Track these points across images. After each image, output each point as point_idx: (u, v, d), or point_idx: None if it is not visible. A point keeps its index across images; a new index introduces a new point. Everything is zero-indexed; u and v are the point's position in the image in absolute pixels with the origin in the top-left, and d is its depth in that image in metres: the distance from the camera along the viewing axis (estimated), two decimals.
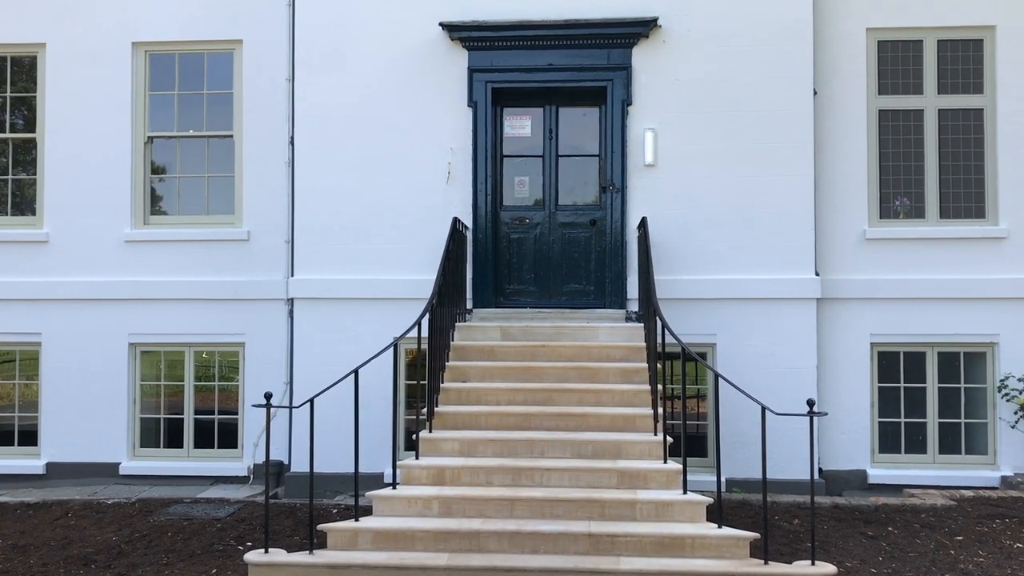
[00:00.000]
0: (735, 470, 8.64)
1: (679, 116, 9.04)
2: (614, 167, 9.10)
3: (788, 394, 8.59)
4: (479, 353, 7.96)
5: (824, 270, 9.12)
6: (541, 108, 9.41)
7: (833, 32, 9.27)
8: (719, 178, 9.00)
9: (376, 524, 6.17)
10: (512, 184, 9.44)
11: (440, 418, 7.20)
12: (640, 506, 6.23)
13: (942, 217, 9.26)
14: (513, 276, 9.31)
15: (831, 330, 9.13)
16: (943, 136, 9.28)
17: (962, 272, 9.08)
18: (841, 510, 7.81)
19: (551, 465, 6.62)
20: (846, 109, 9.25)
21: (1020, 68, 9.14)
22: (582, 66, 9.14)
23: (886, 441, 9.21)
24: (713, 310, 8.95)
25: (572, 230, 9.31)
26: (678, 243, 9.00)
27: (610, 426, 7.13)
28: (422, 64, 9.25)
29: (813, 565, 5.78)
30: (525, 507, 6.27)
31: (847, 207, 9.23)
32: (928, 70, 9.30)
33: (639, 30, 8.96)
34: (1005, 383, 8.89)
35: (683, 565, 5.74)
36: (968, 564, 6.33)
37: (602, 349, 7.97)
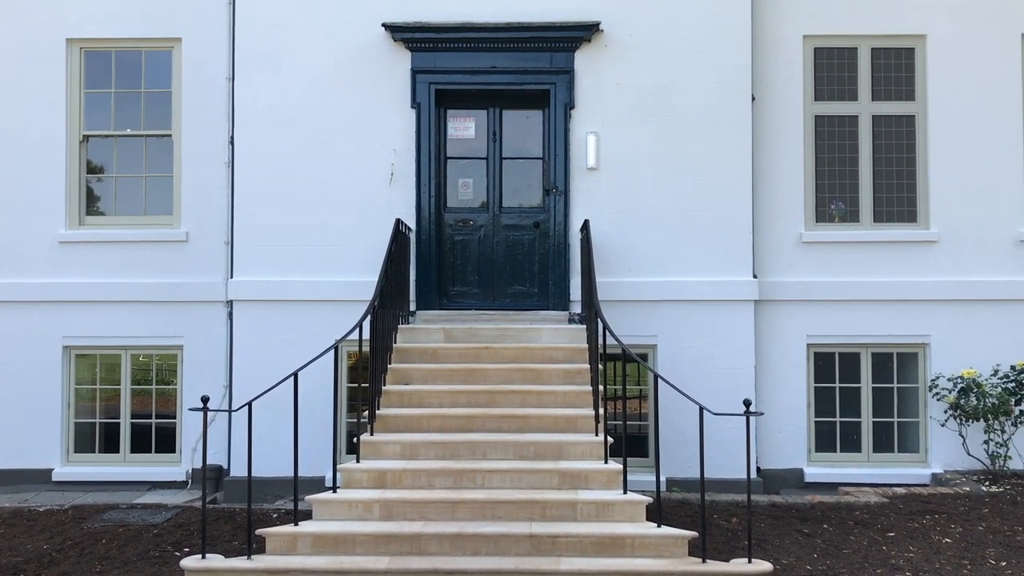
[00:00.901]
0: (675, 470, 8.74)
1: (621, 120, 9.13)
2: (557, 170, 9.16)
3: (727, 394, 8.73)
4: (422, 355, 7.94)
5: (762, 272, 9.29)
6: (485, 110, 9.43)
7: (771, 39, 9.45)
8: (660, 181, 9.11)
9: (316, 528, 6.12)
10: (456, 186, 9.45)
11: (382, 421, 7.17)
12: (581, 506, 6.28)
13: (876, 221, 9.49)
14: (457, 278, 9.31)
15: (769, 331, 9.30)
16: (877, 142, 9.51)
17: (895, 275, 9.32)
18: (778, 508, 7.94)
19: (493, 467, 6.64)
20: (784, 114, 9.44)
21: (950, 76, 9.41)
22: (525, 69, 9.18)
23: (822, 440, 9.41)
24: (654, 312, 9.05)
25: (516, 232, 9.34)
26: (620, 245, 9.09)
27: (552, 427, 7.17)
28: (365, 65, 9.21)
29: (750, 563, 5.88)
30: (467, 509, 6.28)
31: (784, 210, 9.41)
32: (863, 77, 9.52)
33: (581, 34, 9.04)
34: (936, 383, 9.14)
35: (623, 565, 5.80)
36: (899, 560, 6.49)
37: (545, 351, 8.01)
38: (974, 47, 9.41)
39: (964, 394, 8.80)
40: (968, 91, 9.40)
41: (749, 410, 6.07)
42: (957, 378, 8.93)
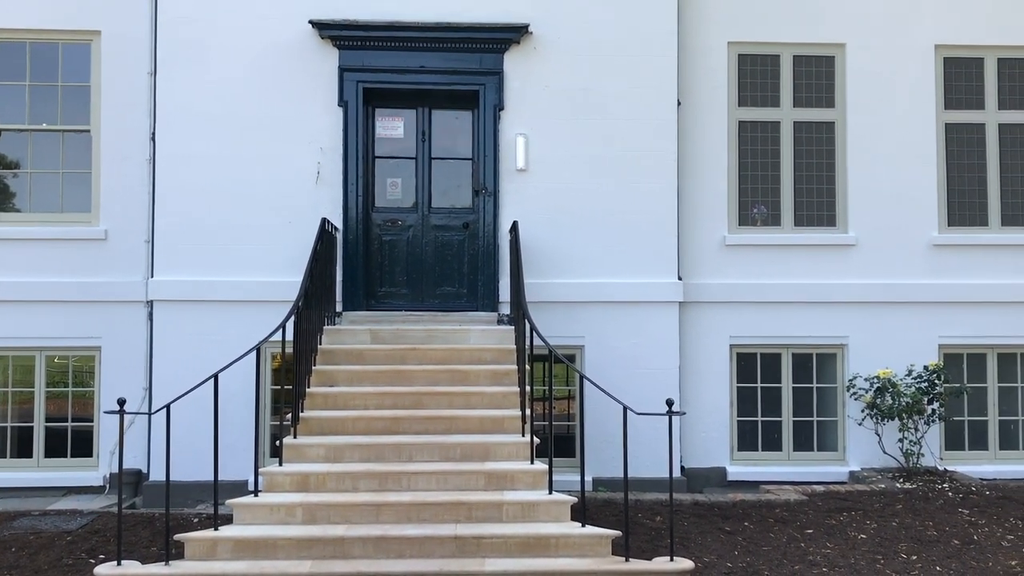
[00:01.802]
0: (601, 469, 8.81)
1: (550, 122, 9.18)
2: (487, 171, 9.16)
3: (652, 394, 8.84)
4: (348, 357, 7.86)
5: (687, 274, 9.43)
6: (414, 110, 9.39)
7: (697, 45, 9.60)
8: (588, 184, 9.18)
9: (236, 533, 6.01)
10: (384, 185, 9.38)
11: (305, 424, 7.08)
12: (507, 507, 6.28)
13: (797, 225, 9.71)
14: (385, 278, 9.24)
15: (693, 332, 9.45)
16: (798, 147, 9.74)
17: (815, 277, 9.56)
18: (701, 507, 8.07)
19: (419, 469, 6.60)
20: (709, 120, 9.60)
21: (868, 84, 9.69)
22: (455, 69, 9.16)
23: (744, 439, 9.60)
24: (582, 313, 9.12)
25: (445, 233, 9.31)
26: (549, 247, 9.13)
27: (479, 428, 7.17)
28: (292, 61, 9.08)
29: (672, 561, 5.96)
30: (392, 512, 6.23)
31: (709, 214, 9.58)
32: (785, 84, 9.74)
33: (511, 36, 9.06)
34: (853, 383, 9.40)
35: (547, 565, 5.83)
36: (816, 556, 6.66)
37: (473, 352, 8.00)
38: (891, 56, 9.70)
39: (880, 394, 9.06)
40: (885, 99, 9.69)
41: (672, 410, 6.15)
42: (873, 378, 9.19)
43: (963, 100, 9.82)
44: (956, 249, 9.63)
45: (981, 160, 9.80)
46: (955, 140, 9.79)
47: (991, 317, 9.60)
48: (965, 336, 9.61)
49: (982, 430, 9.74)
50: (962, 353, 9.72)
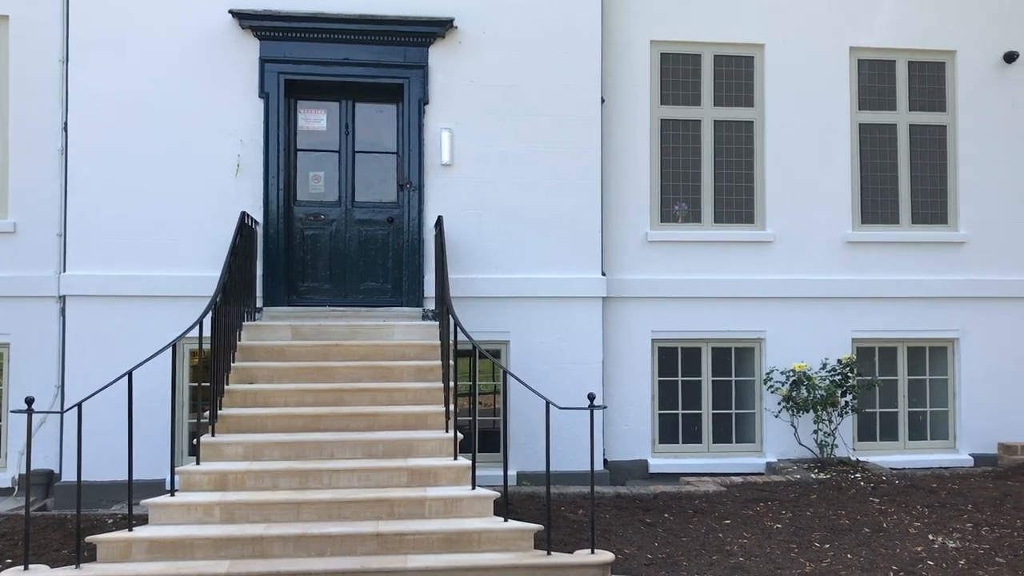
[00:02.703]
0: (526, 464, 8.87)
1: (475, 117, 9.17)
2: (411, 165, 9.11)
3: (577, 389, 8.97)
4: (268, 353, 7.74)
5: (610, 270, 9.53)
6: (337, 102, 9.27)
7: (620, 42, 9.70)
8: (514, 179, 9.20)
9: (152, 533, 5.86)
10: (307, 179, 9.25)
11: (224, 421, 6.94)
12: (430, 503, 6.27)
13: (717, 222, 9.90)
14: (307, 274, 9.12)
15: (616, 327, 9.56)
16: (718, 146, 9.93)
17: (734, 273, 9.76)
18: (623, 499, 8.18)
19: (341, 466, 6.54)
20: (632, 117, 9.71)
21: (786, 84, 9.92)
22: (379, 62, 9.08)
23: (666, 432, 9.76)
24: (507, 308, 9.14)
25: (369, 227, 9.23)
26: (474, 242, 9.13)
27: (402, 424, 7.13)
28: (211, 51, 8.88)
29: (593, 554, 6.02)
30: (312, 510, 6.16)
31: (632, 210, 9.69)
32: (705, 83, 9.91)
33: (435, 30, 9.02)
34: (770, 376, 9.64)
35: (469, 560, 5.83)
36: (733, 546, 6.81)
37: (397, 347, 7.95)
38: (808, 58, 9.95)
39: (796, 387, 9.31)
40: (802, 99, 9.94)
41: (593, 404, 6.20)
42: (789, 371, 9.43)
43: (876, 101, 10.13)
44: (868, 246, 9.94)
45: (893, 160, 10.12)
46: (868, 140, 10.10)
47: (902, 312, 9.94)
48: (877, 330, 9.93)
49: (893, 421, 10.09)
50: (874, 347, 10.05)
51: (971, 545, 6.79)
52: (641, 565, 6.33)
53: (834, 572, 6.21)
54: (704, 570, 6.24)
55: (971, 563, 6.40)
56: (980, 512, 7.67)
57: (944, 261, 10.03)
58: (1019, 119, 10.20)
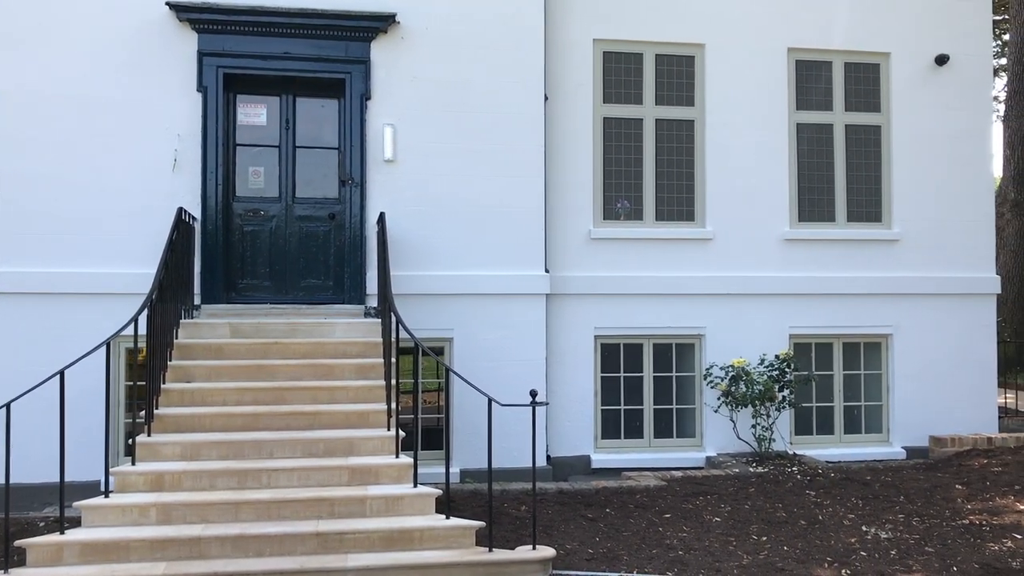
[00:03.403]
0: (470, 461, 8.87)
1: (419, 113, 9.13)
2: (353, 161, 9.04)
3: (520, 385, 8.99)
4: (206, 351, 7.61)
5: (554, 267, 9.58)
6: (278, 97, 9.15)
7: (563, 41, 9.74)
8: (457, 176, 9.19)
9: (84, 536, 5.73)
10: (246, 174, 9.11)
11: (160, 421, 6.82)
12: (370, 502, 6.23)
13: (658, 219, 10.00)
14: (247, 271, 8.99)
15: (560, 324, 9.61)
16: (660, 144, 10.03)
17: (675, 270, 9.88)
18: (565, 495, 8.23)
19: (280, 465, 6.46)
20: (575, 115, 9.76)
21: (726, 84, 10.06)
22: (320, 57, 8.98)
23: (608, 427, 9.84)
24: (450, 305, 9.13)
25: (310, 223, 9.13)
26: (418, 239, 9.09)
27: (344, 423, 7.08)
28: (147, 44, 8.70)
29: (534, 550, 6.04)
30: (251, 510, 6.09)
31: (575, 208, 9.74)
32: (647, 82, 10.00)
33: (377, 25, 8.95)
34: (710, 372, 9.77)
35: (411, 558, 5.81)
36: (673, 539, 6.89)
37: (338, 345, 7.89)
38: (747, 58, 10.11)
39: (735, 382, 9.45)
40: (741, 99, 10.09)
41: (535, 401, 6.23)
42: (728, 367, 9.58)
43: (813, 101, 10.33)
44: (806, 244, 10.13)
45: (829, 159, 10.33)
46: (805, 139, 10.29)
47: (838, 308, 10.16)
48: (814, 326, 10.13)
49: (829, 415, 10.31)
50: (811, 342, 10.25)
51: (902, 535, 6.97)
52: (582, 560, 6.37)
53: (771, 564, 6.33)
54: (644, 564, 6.31)
55: (902, 553, 6.57)
56: (911, 503, 7.87)
57: (878, 259, 10.27)
58: (949, 119, 10.49)
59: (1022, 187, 17.91)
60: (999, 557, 6.47)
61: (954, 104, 10.51)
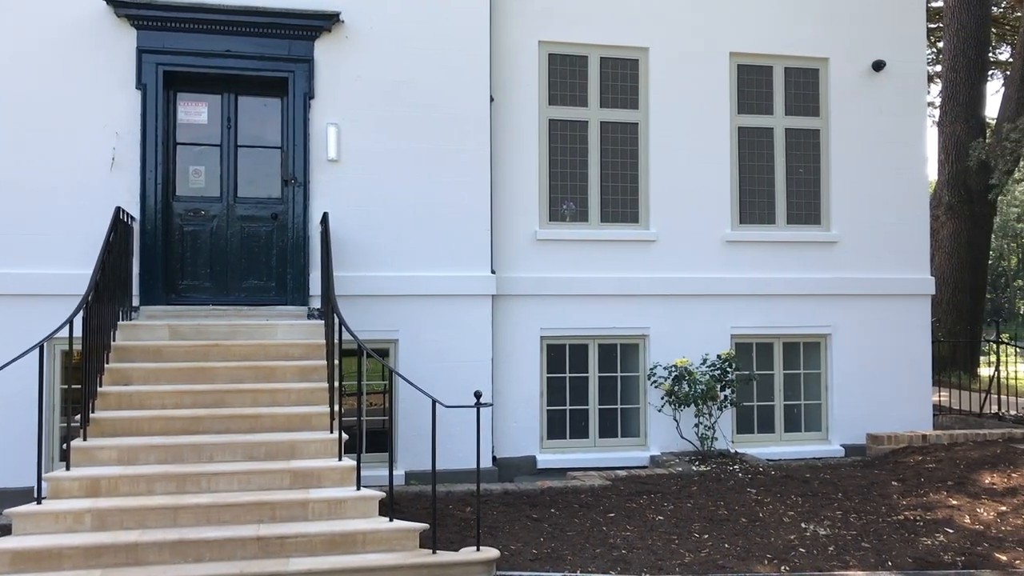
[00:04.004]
0: (415, 463, 8.84)
1: (363, 113, 9.07)
2: (296, 160, 8.95)
3: (466, 386, 8.98)
4: (144, 354, 7.46)
5: (500, 268, 9.59)
6: (219, 95, 9.03)
7: (509, 42, 9.76)
8: (403, 177, 9.15)
9: (15, 544, 5.57)
10: (187, 173, 8.97)
11: (97, 425, 6.67)
12: (313, 505, 6.18)
13: (603, 221, 10.07)
14: (187, 271, 8.84)
15: (506, 325, 9.62)
16: (605, 146, 10.10)
17: (620, 271, 9.96)
18: (511, 495, 8.24)
19: (221, 469, 6.37)
20: (520, 117, 9.78)
21: (669, 87, 10.17)
22: (263, 55, 8.88)
23: (554, 428, 9.88)
24: (396, 306, 9.08)
25: (253, 223, 9.02)
26: (362, 240, 9.03)
27: (286, 426, 7.00)
28: (84, 39, 8.52)
29: (478, 551, 6.05)
30: (191, 514, 5.99)
31: (521, 209, 9.77)
32: (592, 84, 10.07)
33: (321, 24, 8.87)
34: (654, 372, 9.87)
35: (353, 561, 5.77)
36: (617, 538, 6.94)
37: (280, 347, 7.79)
38: (690, 62, 10.23)
39: (678, 382, 9.56)
40: (685, 102, 10.21)
41: (480, 402, 6.22)
42: (672, 367, 9.68)
43: (754, 105, 10.49)
44: (747, 245, 10.29)
45: (770, 162, 10.51)
46: (747, 143, 10.45)
47: (778, 308, 10.33)
48: (755, 326, 10.30)
49: (769, 414, 10.48)
50: (752, 342, 10.41)
51: (840, 532, 7.11)
52: (526, 560, 6.38)
53: (712, 561, 6.41)
54: (588, 563, 6.34)
55: (839, 549, 6.70)
56: (849, 500, 8.04)
57: (817, 260, 10.47)
58: (886, 124, 10.74)
59: (956, 191, 18.41)
60: (932, 551, 6.63)
61: (890, 109, 10.76)
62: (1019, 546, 6.77)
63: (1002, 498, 7.98)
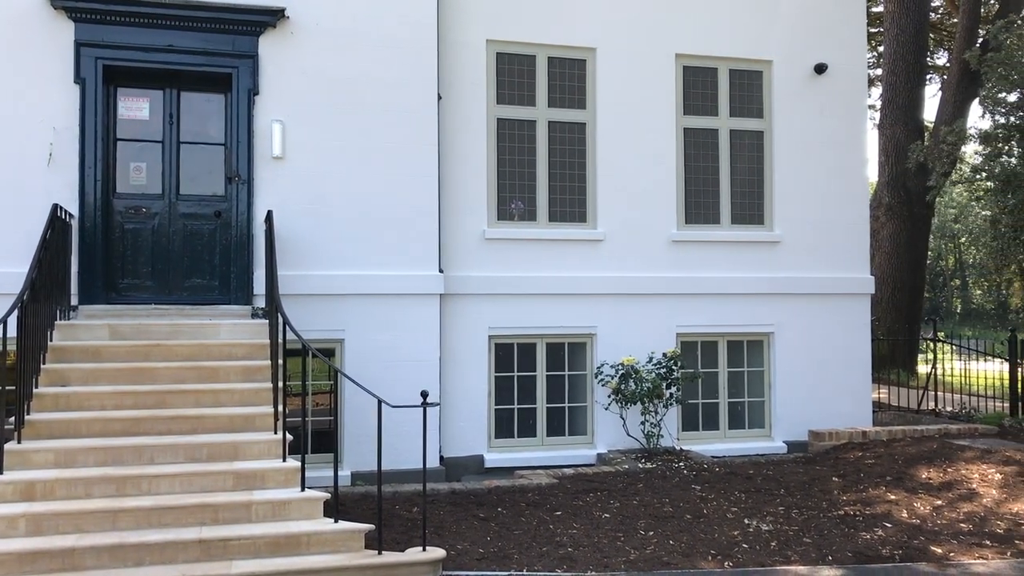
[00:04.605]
0: (362, 463, 8.78)
1: (309, 110, 8.98)
2: (241, 157, 8.82)
3: (414, 386, 8.88)
4: (83, 354, 7.30)
5: (448, 267, 9.56)
6: (161, 91, 8.87)
7: (457, 40, 9.74)
8: (350, 175, 9.08)
9: None
10: (128, 170, 8.79)
11: (33, 427, 6.50)
12: (256, 507, 6.10)
13: (552, 220, 10.11)
14: (128, 270, 8.67)
15: (454, 324, 9.60)
16: (553, 146, 10.13)
17: (568, 271, 10.00)
18: (458, 495, 8.23)
19: (162, 471, 6.26)
20: (469, 115, 9.77)
21: (616, 88, 10.24)
22: (206, 50, 8.74)
23: (502, 427, 9.89)
24: (342, 305, 9.01)
25: (196, 221, 8.87)
26: (308, 238, 8.94)
27: (229, 427, 6.90)
28: (19, 32, 8.30)
29: (424, 551, 6.03)
30: (130, 518, 5.87)
31: (469, 208, 9.75)
32: (540, 84, 10.09)
33: (266, 19, 8.76)
34: (601, 370, 9.93)
35: (297, 563, 5.72)
36: (563, 536, 6.97)
37: (223, 347, 7.68)
38: (637, 63, 10.31)
39: (624, 380, 9.63)
40: (632, 103, 10.28)
41: (426, 402, 6.21)
42: (619, 365, 9.75)
43: (700, 107, 10.62)
44: (692, 245, 10.41)
45: (715, 163, 10.64)
46: (692, 144, 10.57)
47: (722, 307, 10.47)
48: (700, 325, 10.42)
49: (714, 412, 10.62)
50: (697, 341, 10.54)
51: (782, 527, 7.23)
52: (473, 560, 6.38)
53: (657, 558, 6.48)
54: (534, 562, 6.36)
55: (781, 544, 6.81)
56: (791, 496, 8.18)
57: (761, 259, 10.63)
58: (827, 126, 10.94)
59: (896, 192, 18.84)
60: (871, 545, 6.78)
61: (832, 111, 10.97)
62: (953, 539, 6.96)
63: (938, 492, 8.18)
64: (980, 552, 6.70)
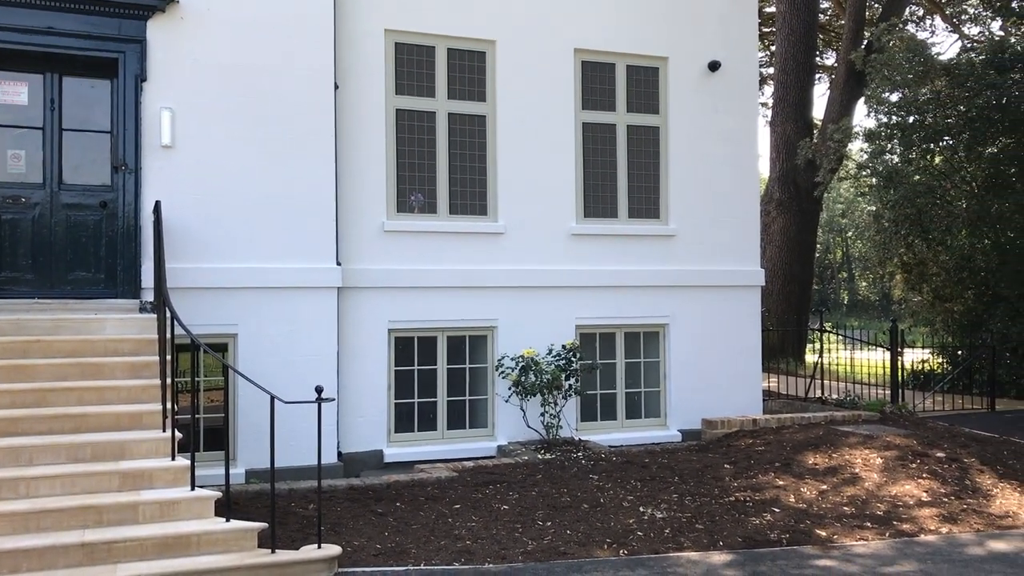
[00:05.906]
0: (256, 460, 8.59)
1: (201, 98, 8.71)
2: (128, 146, 8.50)
3: (311, 381, 8.74)
4: None
5: (346, 260, 9.43)
6: (42, 75, 8.46)
7: (355, 29, 9.59)
8: (243, 165, 8.85)
9: None
10: (5, 158, 8.36)
11: None
12: (143, 508, 5.91)
13: (452, 213, 10.07)
14: (6, 263, 8.25)
15: (353, 317, 9.48)
16: (453, 138, 10.09)
17: (468, 264, 9.99)
18: (356, 491, 8.13)
19: (41, 473, 6.00)
20: (367, 106, 9.64)
21: (516, 81, 10.26)
22: (91, 34, 8.37)
23: (402, 421, 9.82)
24: (235, 299, 8.79)
25: (79, 212, 8.51)
26: (199, 229, 8.68)
27: (114, 425, 6.66)
28: None
29: (319, 548, 5.95)
30: (6, 522, 5.61)
31: (368, 200, 9.63)
32: (440, 75, 10.03)
33: (154, 3, 8.45)
34: (502, 362, 9.96)
35: (187, 564, 5.57)
36: (462, 530, 6.98)
37: (109, 343, 7.40)
38: (536, 56, 10.35)
39: (524, 372, 9.69)
40: (532, 96, 10.32)
41: (321, 397, 6.11)
42: (519, 357, 9.80)
43: (598, 101, 10.74)
44: (591, 238, 10.53)
45: (613, 158, 10.79)
46: (591, 138, 10.69)
47: (620, 300, 10.63)
48: (598, 317, 10.56)
49: (612, 402, 10.79)
50: (595, 332, 10.68)
51: (676, 514, 7.40)
52: (370, 556, 6.33)
53: (554, 548, 6.54)
54: (432, 556, 6.35)
55: (675, 531, 6.98)
56: (685, 483, 8.38)
57: (656, 253, 10.84)
58: (720, 122, 11.22)
59: (786, 187, 19.49)
60: (759, 530, 7.01)
61: (725, 108, 11.25)
62: (837, 522, 7.25)
63: (824, 477, 8.51)
64: (862, 534, 7.00)
